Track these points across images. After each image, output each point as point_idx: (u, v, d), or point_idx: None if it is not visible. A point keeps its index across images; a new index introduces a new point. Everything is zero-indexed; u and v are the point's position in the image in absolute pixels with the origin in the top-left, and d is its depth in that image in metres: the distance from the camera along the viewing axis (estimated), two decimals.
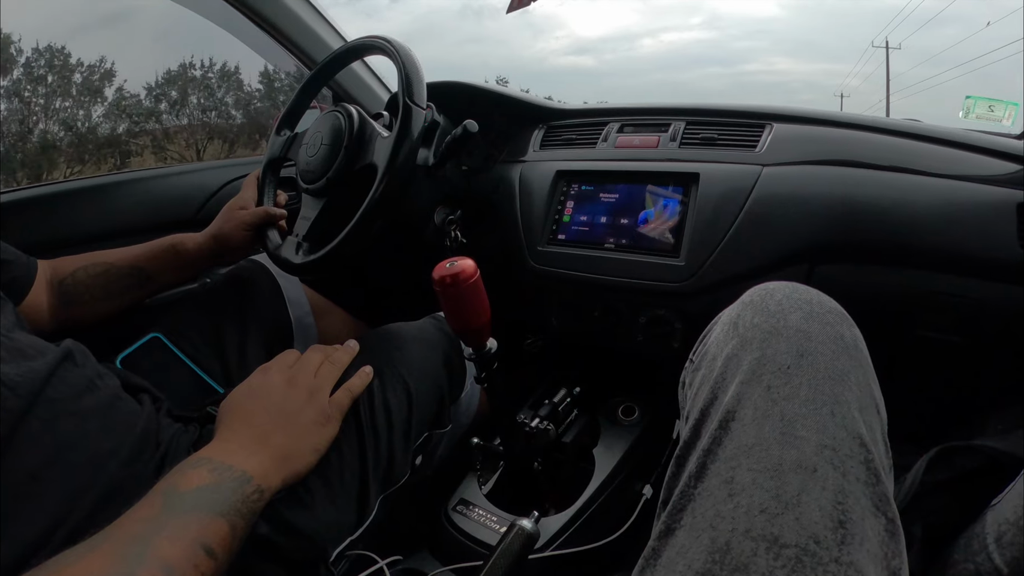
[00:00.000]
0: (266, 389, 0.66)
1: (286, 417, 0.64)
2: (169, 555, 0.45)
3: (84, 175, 1.65)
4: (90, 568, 0.42)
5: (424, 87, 0.87)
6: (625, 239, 0.93)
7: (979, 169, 0.83)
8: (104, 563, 0.42)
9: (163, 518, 0.47)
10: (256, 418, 0.63)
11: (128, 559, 0.43)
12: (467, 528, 0.85)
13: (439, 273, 0.67)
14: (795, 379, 0.41)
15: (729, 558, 0.35)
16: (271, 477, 0.58)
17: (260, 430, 0.61)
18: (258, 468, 0.57)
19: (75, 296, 0.85)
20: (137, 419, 0.63)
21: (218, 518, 0.50)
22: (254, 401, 0.65)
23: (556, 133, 1.13)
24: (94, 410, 0.59)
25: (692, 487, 0.41)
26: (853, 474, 0.38)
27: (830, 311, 0.46)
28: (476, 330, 0.71)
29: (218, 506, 0.51)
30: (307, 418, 0.65)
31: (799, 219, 0.84)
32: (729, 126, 0.97)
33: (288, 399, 0.65)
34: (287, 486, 0.61)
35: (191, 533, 0.47)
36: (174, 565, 0.44)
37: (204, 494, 0.51)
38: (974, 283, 0.81)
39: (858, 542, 0.35)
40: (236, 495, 0.53)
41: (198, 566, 0.46)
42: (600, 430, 1.00)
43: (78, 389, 0.59)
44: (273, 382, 0.67)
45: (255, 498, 0.54)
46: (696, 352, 0.53)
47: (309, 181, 0.93)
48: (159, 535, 0.46)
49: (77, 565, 0.42)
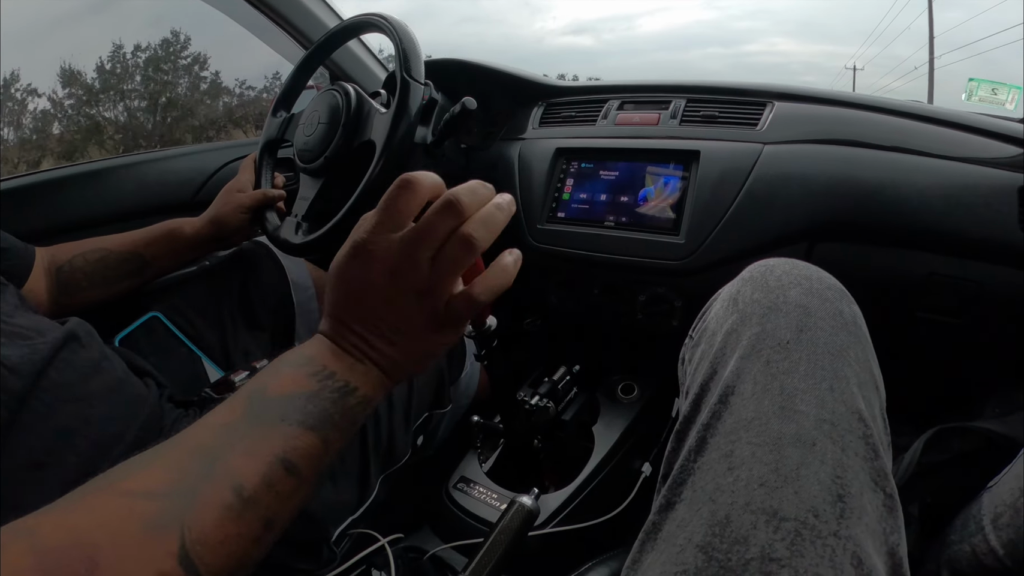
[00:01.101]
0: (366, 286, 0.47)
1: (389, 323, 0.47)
2: (244, 472, 0.38)
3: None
4: (147, 482, 0.36)
5: (422, 62, 0.87)
6: (625, 217, 0.93)
7: (981, 152, 0.83)
8: (163, 477, 0.36)
9: (243, 427, 0.40)
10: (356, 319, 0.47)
11: (191, 473, 0.37)
12: (468, 505, 0.86)
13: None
14: (794, 354, 0.41)
15: (729, 531, 0.35)
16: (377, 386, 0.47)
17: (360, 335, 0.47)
18: (362, 377, 0.45)
19: (73, 282, 0.85)
20: (143, 404, 0.63)
21: (309, 432, 0.41)
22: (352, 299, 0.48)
23: (556, 110, 1.12)
24: (100, 394, 0.59)
25: (692, 461, 0.41)
26: (852, 449, 0.38)
27: (830, 287, 0.46)
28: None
29: (313, 418, 0.41)
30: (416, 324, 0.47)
31: (800, 198, 0.84)
32: (730, 104, 0.96)
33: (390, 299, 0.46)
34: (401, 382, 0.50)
35: (274, 447, 0.39)
36: (247, 484, 0.37)
37: (298, 402, 0.41)
38: (974, 265, 0.81)
39: (856, 516, 0.35)
40: (335, 406, 0.43)
41: (275, 486, 0.38)
42: (600, 408, 1.01)
43: (84, 372, 0.59)
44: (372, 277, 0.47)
45: (358, 410, 0.45)
46: (695, 328, 0.53)
47: (307, 160, 0.92)
48: (234, 447, 0.38)
49: (133, 478, 0.36)
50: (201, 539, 0.35)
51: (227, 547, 0.36)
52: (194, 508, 0.35)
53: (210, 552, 0.35)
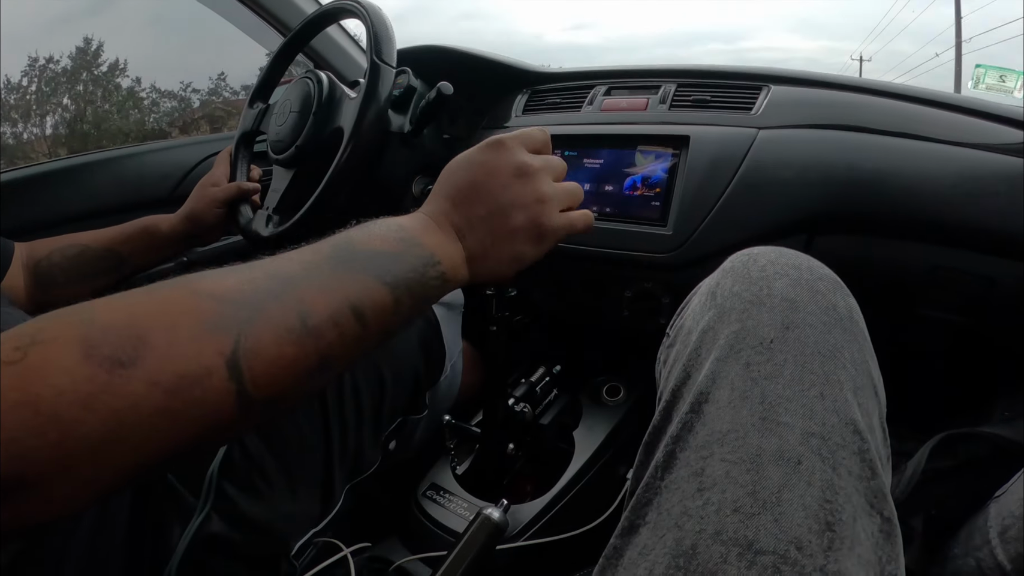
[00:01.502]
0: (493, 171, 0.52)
1: (501, 212, 0.51)
2: (312, 302, 0.38)
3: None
4: (217, 286, 0.36)
5: (394, 46, 0.84)
6: (610, 207, 0.88)
7: (989, 137, 0.78)
8: (235, 286, 0.37)
9: (323, 266, 0.41)
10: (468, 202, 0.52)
11: (263, 291, 0.37)
12: (436, 515, 0.82)
13: None
14: (779, 355, 0.36)
15: (695, 564, 0.30)
16: (460, 271, 0.49)
17: (466, 217, 0.51)
18: (449, 257, 0.48)
19: (51, 278, 0.85)
20: None
21: (384, 287, 0.42)
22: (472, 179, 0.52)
23: (540, 97, 1.08)
24: None
25: (658, 479, 0.36)
26: (844, 467, 0.32)
27: (821, 278, 0.41)
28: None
29: (390, 276, 0.43)
30: (522, 223, 0.52)
31: (797, 186, 0.79)
32: (723, 88, 0.91)
33: (512, 192, 0.52)
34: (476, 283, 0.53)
35: (348, 291, 0.40)
36: (313, 314, 0.38)
37: (380, 260, 0.43)
38: (981, 258, 0.76)
39: (848, 547, 0.30)
40: (415, 273, 0.45)
41: (340, 326, 0.39)
42: (582, 411, 0.96)
43: None
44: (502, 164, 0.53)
45: (435, 284, 0.46)
46: (673, 325, 0.48)
47: (279, 151, 0.91)
48: (311, 280, 0.39)
49: (206, 280, 0.37)
50: (255, 350, 0.35)
51: (279, 367, 0.36)
52: (256, 320, 0.35)
53: (260, 365, 0.35)
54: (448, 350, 0.83)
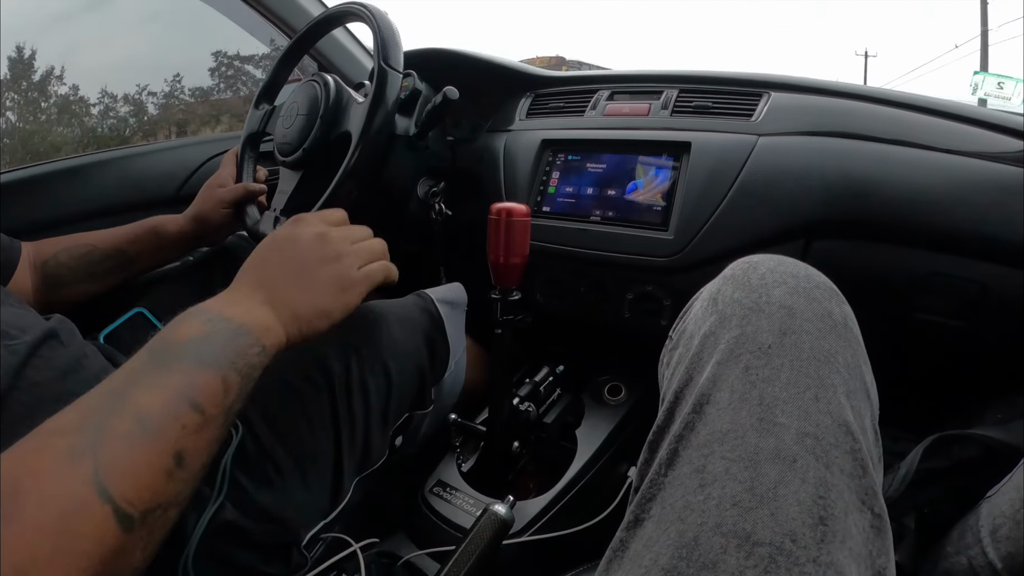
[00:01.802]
0: (291, 238, 0.60)
1: (303, 270, 0.58)
2: (145, 405, 0.41)
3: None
4: (62, 422, 0.39)
5: (401, 51, 0.85)
6: (612, 211, 0.90)
7: (987, 146, 0.79)
8: (77, 416, 0.40)
9: (146, 370, 0.44)
10: (270, 269, 0.57)
11: (101, 410, 0.40)
12: (443, 511, 0.83)
13: (497, 206, 0.74)
14: (776, 360, 0.38)
15: (697, 554, 0.32)
16: (274, 332, 0.52)
17: (270, 281, 0.56)
18: (258, 322, 0.51)
19: (58, 278, 0.86)
20: None
21: (206, 370, 0.45)
22: (274, 251, 0.59)
23: (544, 101, 1.09)
24: (77, 393, 0.57)
25: (662, 475, 0.38)
26: (837, 465, 0.34)
27: (818, 286, 0.42)
28: (510, 266, 0.75)
29: (207, 358, 0.46)
30: (325, 277, 0.58)
31: (795, 192, 0.81)
32: (724, 94, 0.92)
33: (311, 252, 0.59)
34: (296, 345, 0.55)
35: (173, 384, 0.43)
36: (150, 415, 0.41)
37: (193, 346, 0.46)
38: (978, 265, 0.78)
39: (839, 540, 0.32)
40: (229, 348, 0.48)
41: (179, 418, 0.42)
42: (584, 410, 0.97)
43: (62, 370, 0.58)
44: (302, 233, 0.60)
45: (254, 352, 0.49)
46: (675, 329, 0.50)
47: (286, 153, 0.92)
48: (138, 385, 0.43)
49: (54, 420, 0.40)
50: (111, 465, 0.37)
51: (138, 476, 0.39)
52: (103, 439, 0.38)
53: (122, 479, 0.37)
54: (452, 347, 0.85)
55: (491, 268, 0.76)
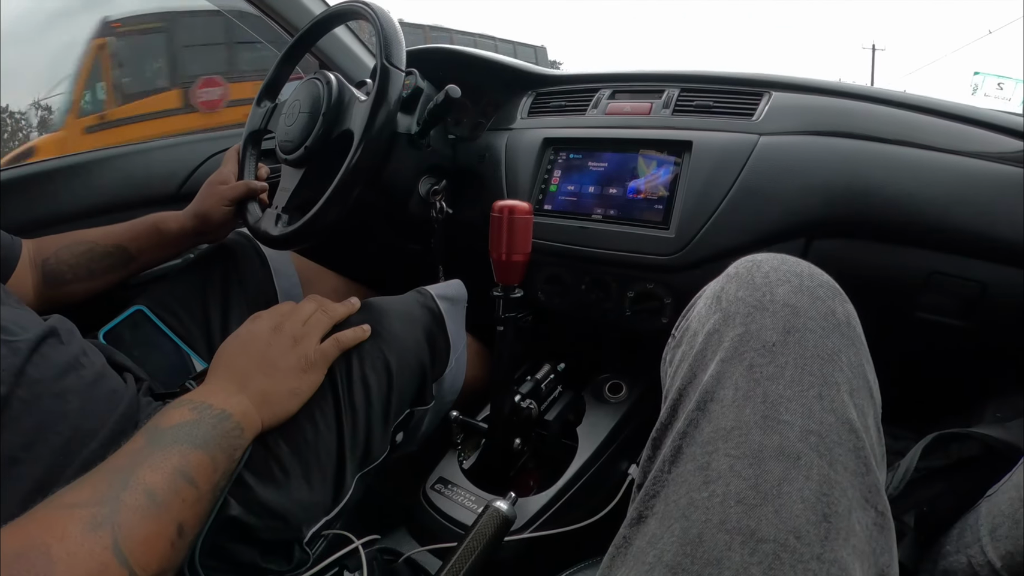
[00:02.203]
0: (253, 335, 0.69)
1: (267, 361, 0.65)
2: (152, 482, 0.48)
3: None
4: (77, 496, 0.45)
5: (403, 49, 0.85)
6: (613, 210, 0.90)
7: (988, 146, 0.80)
8: (91, 490, 0.46)
9: (146, 451, 0.50)
10: (239, 362, 0.66)
11: (113, 485, 0.46)
12: (445, 508, 0.83)
13: (500, 203, 0.75)
14: (780, 358, 0.38)
15: (701, 551, 0.32)
16: (251, 416, 0.60)
17: (241, 373, 0.64)
18: (237, 407, 0.59)
19: (58, 275, 0.86)
20: (120, 398, 0.64)
21: (198, 450, 0.52)
22: (240, 347, 0.68)
23: (545, 100, 1.09)
24: (76, 389, 0.59)
25: (666, 472, 0.38)
26: (840, 463, 0.35)
27: (821, 284, 0.43)
28: (513, 264, 0.76)
29: (198, 440, 0.53)
30: (288, 363, 0.66)
31: (796, 191, 0.81)
32: (726, 93, 0.93)
33: (272, 344, 0.67)
34: (271, 426, 0.64)
35: (172, 463, 0.50)
36: (156, 491, 0.47)
37: (184, 429, 0.53)
38: (978, 265, 0.78)
39: (843, 537, 0.32)
40: (216, 431, 0.55)
41: (179, 493, 0.49)
42: (585, 408, 0.98)
43: (61, 368, 0.59)
44: (260, 328, 0.69)
45: (235, 434, 0.57)
46: (678, 327, 0.50)
47: (288, 151, 0.92)
48: (142, 465, 0.49)
49: (67, 495, 0.45)
50: (129, 535, 0.44)
51: (149, 543, 0.45)
52: (120, 511, 0.44)
53: (137, 547, 0.44)
54: (453, 343, 0.85)
55: (493, 265, 0.77)
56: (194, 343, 0.88)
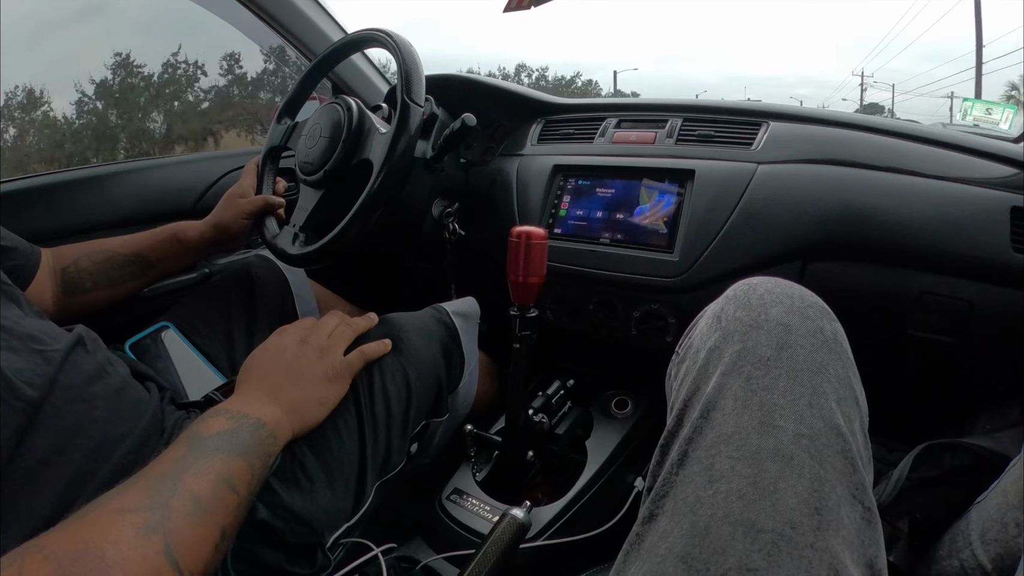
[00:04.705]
0: (280, 348, 0.71)
1: (296, 372, 0.68)
2: (197, 488, 0.49)
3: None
4: (127, 501, 0.46)
5: (423, 84, 0.88)
6: (620, 234, 0.94)
7: (975, 172, 0.84)
8: (140, 496, 0.47)
9: (190, 458, 0.52)
10: (269, 373, 0.68)
11: (161, 492, 0.48)
12: (460, 517, 0.86)
13: (517, 229, 0.78)
14: (774, 371, 0.43)
15: (708, 542, 0.36)
16: (283, 425, 0.63)
17: (272, 384, 0.66)
18: (270, 416, 0.61)
19: (78, 283, 0.86)
20: (146, 407, 0.65)
21: (237, 458, 0.54)
22: (268, 359, 0.70)
23: (554, 127, 1.14)
24: (103, 396, 0.61)
25: (674, 474, 0.42)
26: (830, 463, 0.39)
27: (811, 305, 0.47)
28: (529, 285, 0.79)
29: (237, 447, 0.55)
30: (316, 374, 0.69)
31: (793, 217, 0.85)
32: (726, 123, 0.97)
33: (299, 356, 0.70)
34: (300, 434, 0.66)
35: (215, 470, 0.52)
36: (202, 496, 0.49)
37: (224, 438, 0.56)
38: (966, 285, 0.82)
39: (834, 528, 0.36)
40: (253, 438, 0.58)
41: (223, 499, 0.51)
42: (593, 422, 1.01)
43: (89, 375, 0.61)
44: (287, 341, 0.72)
45: (270, 442, 0.59)
46: (682, 345, 0.54)
47: (307, 173, 0.94)
48: (187, 472, 0.50)
49: (115, 500, 0.46)
50: (179, 540, 0.45)
51: (197, 548, 0.47)
52: (169, 517, 0.46)
53: (187, 550, 0.46)
54: (467, 357, 0.88)
55: (511, 286, 0.80)
56: (217, 362, 0.89)
